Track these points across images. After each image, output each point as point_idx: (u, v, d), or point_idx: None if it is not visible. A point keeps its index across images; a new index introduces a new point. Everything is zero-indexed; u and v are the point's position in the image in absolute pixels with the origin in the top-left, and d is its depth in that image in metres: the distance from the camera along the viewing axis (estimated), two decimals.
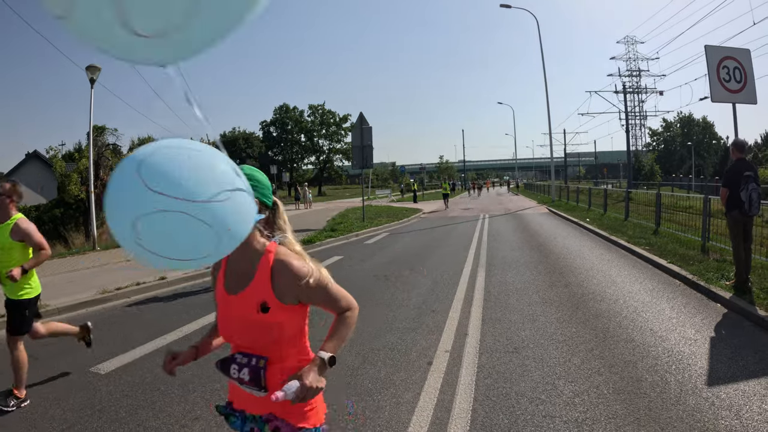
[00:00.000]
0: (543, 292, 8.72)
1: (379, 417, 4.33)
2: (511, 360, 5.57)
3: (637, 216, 19.02)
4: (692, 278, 8.86)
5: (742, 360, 5.34)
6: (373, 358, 5.77)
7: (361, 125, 22.72)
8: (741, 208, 7.85)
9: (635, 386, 4.74)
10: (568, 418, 4.17)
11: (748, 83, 11.42)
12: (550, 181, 42.77)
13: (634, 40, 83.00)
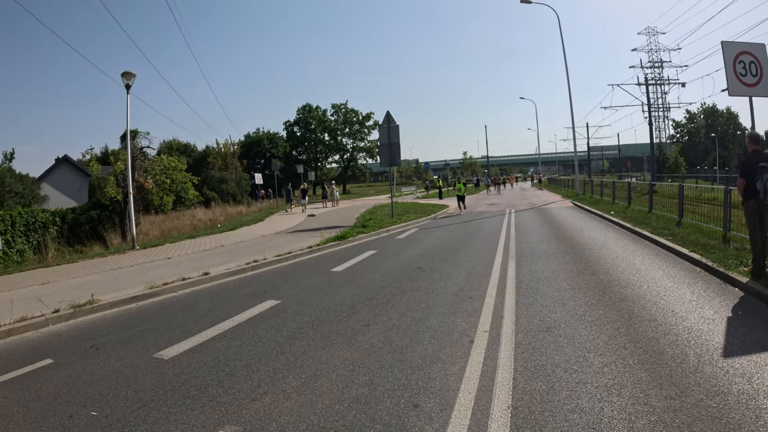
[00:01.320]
0: (571, 280, 9.26)
1: (431, 386, 4.89)
2: (545, 338, 6.13)
3: (660, 208, 19.30)
4: (712, 265, 9.29)
5: (755, 336, 5.83)
6: (419, 339, 6.36)
7: (389, 124, 23.26)
8: (757, 197, 8.26)
9: (658, 358, 5.28)
10: (599, 384, 4.72)
11: (764, 77, 11.70)
12: (574, 176, 42.99)
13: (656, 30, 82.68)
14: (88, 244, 21.51)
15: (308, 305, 8.41)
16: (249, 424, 4.28)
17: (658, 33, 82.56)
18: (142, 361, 6.14)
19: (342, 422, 4.25)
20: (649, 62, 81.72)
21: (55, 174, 44.94)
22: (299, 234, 19.82)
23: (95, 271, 13.09)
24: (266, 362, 5.81)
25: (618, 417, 4.08)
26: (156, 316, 8.44)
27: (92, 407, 4.85)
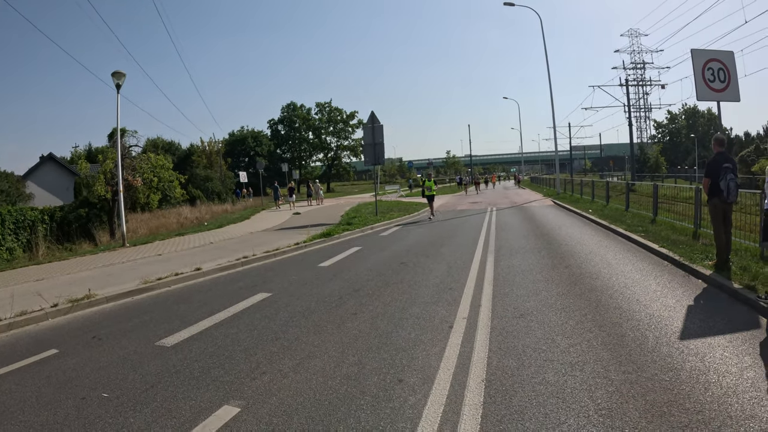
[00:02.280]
0: (546, 273, 9.83)
1: (414, 364, 5.42)
2: (518, 323, 6.68)
3: (637, 207, 19.94)
4: (679, 259, 9.91)
5: (712, 321, 6.41)
6: (403, 325, 6.89)
7: (373, 123, 23.72)
8: (720, 196, 8.89)
9: (619, 340, 5.85)
10: (564, 361, 5.28)
11: (731, 83, 12.38)
12: (555, 175, 43.75)
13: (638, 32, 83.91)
14: (77, 242, 21.70)
15: (298, 297, 8.88)
16: (251, 399, 4.73)
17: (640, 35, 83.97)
18: (145, 349, 6.51)
19: (335, 395, 4.74)
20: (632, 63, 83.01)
21: (40, 172, 44.77)
22: (286, 231, 20.25)
23: (88, 267, 13.40)
24: (263, 347, 6.28)
25: (580, 388, 4.62)
26: (153, 308, 8.84)
27: (103, 390, 5.21)
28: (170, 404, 4.74)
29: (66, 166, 45.72)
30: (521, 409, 4.29)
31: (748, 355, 5.26)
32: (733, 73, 12.39)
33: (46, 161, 46.16)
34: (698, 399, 4.32)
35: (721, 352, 5.36)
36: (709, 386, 4.56)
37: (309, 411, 4.43)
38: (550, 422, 4.03)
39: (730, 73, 12.36)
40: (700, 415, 4.04)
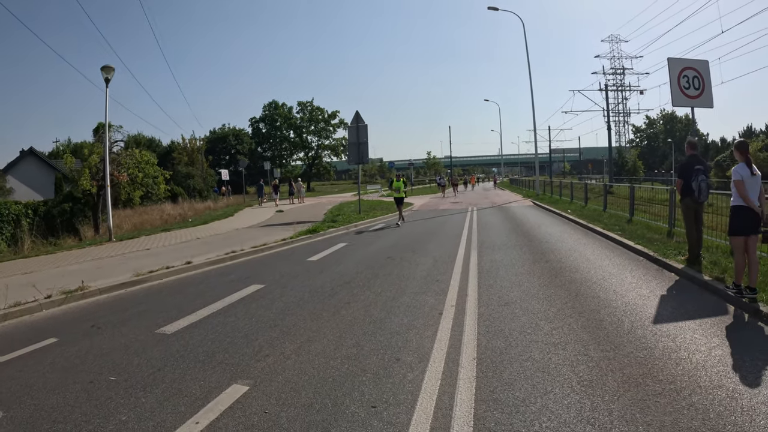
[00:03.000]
0: (527, 266, 10.31)
1: (409, 346, 5.82)
2: (504, 310, 7.12)
3: (615, 208, 20.56)
4: (653, 255, 10.45)
5: (683, 308, 6.93)
6: (395, 312, 7.28)
7: (357, 123, 24.06)
8: (692, 196, 9.42)
9: (598, 324, 6.32)
10: (548, 342, 5.73)
11: (705, 90, 12.94)
12: (535, 177, 44.47)
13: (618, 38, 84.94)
14: (62, 237, 21.69)
15: (291, 288, 9.20)
16: (258, 378, 5.05)
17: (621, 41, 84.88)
18: (146, 336, 6.70)
19: (338, 373, 5.10)
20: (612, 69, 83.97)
21: (20, 167, 44.24)
22: (271, 228, 20.49)
23: (77, 261, 13.51)
24: (263, 333, 6.59)
25: (563, 364, 5.07)
26: (148, 299, 9.06)
27: (109, 374, 5.36)
28: (179, 385, 4.99)
29: (47, 161, 45.27)
30: (511, 381, 4.71)
31: (716, 337, 5.77)
32: (707, 80, 12.95)
33: (27, 156, 45.66)
34: (670, 372, 4.78)
35: (691, 334, 5.85)
36: (680, 362, 5.03)
37: (315, 387, 4.78)
38: (537, 392, 4.45)
39: (705, 80, 12.91)
40: (672, 385, 4.49)
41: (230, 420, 4.17)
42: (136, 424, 4.15)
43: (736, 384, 4.50)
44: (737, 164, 7.25)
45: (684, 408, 4.07)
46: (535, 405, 4.22)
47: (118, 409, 4.49)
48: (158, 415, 4.30)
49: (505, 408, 4.20)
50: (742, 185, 7.07)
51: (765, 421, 3.80)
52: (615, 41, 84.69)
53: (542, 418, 3.98)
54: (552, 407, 4.16)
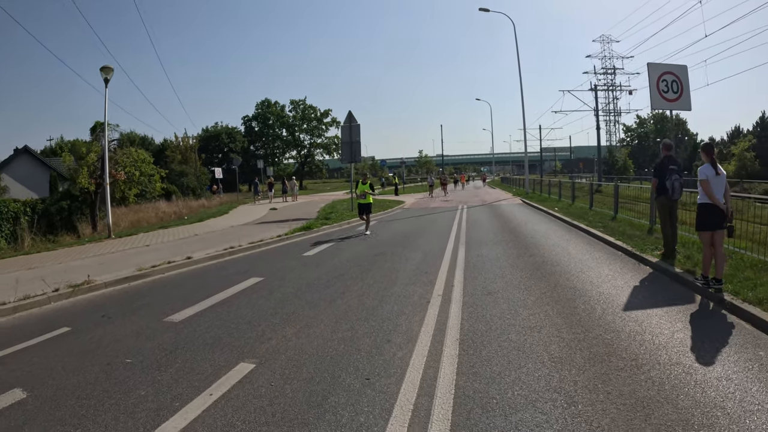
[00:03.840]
0: (512, 261, 10.90)
1: (399, 329, 6.40)
2: (486, 299, 7.72)
3: (601, 206, 21.11)
4: (631, 249, 11.06)
5: (653, 298, 7.53)
6: (386, 301, 7.88)
7: (350, 123, 24.56)
8: (666, 194, 10.05)
9: (572, 311, 6.93)
10: (525, 326, 6.33)
11: (683, 93, 13.59)
12: (525, 175, 45.11)
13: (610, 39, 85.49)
14: (60, 234, 21.99)
15: (288, 281, 9.73)
16: (263, 358, 5.59)
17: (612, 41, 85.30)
18: (156, 324, 7.15)
19: (335, 352, 5.66)
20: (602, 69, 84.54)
21: (14, 165, 44.16)
22: (266, 225, 20.97)
23: (79, 257, 13.90)
24: (264, 319, 7.13)
25: (537, 344, 5.66)
26: (152, 292, 9.51)
27: (125, 357, 5.80)
28: (191, 364, 5.49)
29: (41, 159, 45.26)
30: (489, 357, 5.30)
31: (680, 323, 6.35)
32: (686, 85, 13.60)
33: (21, 154, 45.55)
34: (634, 351, 5.36)
35: (657, 320, 6.44)
36: (644, 343, 5.62)
37: (315, 364, 5.33)
38: (512, 366, 5.04)
39: (683, 85, 13.56)
40: (634, 362, 5.08)
41: (240, 391, 4.71)
42: (155, 397, 4.64)
43: (692, 362, 5.07)
44: (703, 165, 7.84)
45: (642, 381, 4.64)
46: (509, 377, 4.80)
47: (136, 385, 4.96)
48: (175, 390, 4.80)
49: (482, 380, 4.78)
50: (707, 184, 7.66)
51: (715, 393, 4.36)
52: (606, 41, 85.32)
53: (515, 388, 4.56)
54: (524, 379, 4.74)
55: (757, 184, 44.04)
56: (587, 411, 4.10)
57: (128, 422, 4.17)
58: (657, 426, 3.84)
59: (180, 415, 4.25)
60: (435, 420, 4.04)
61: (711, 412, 4.03)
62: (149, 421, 4.17)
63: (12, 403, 4.67)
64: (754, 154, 60.35)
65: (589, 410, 4.12)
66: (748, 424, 3.81)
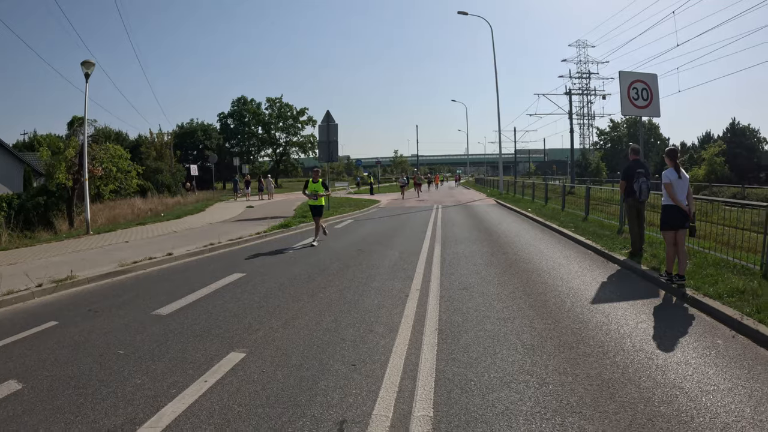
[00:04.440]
0: (486, 258, 11.35)
1: (380, 320, 6.78)
2: (462, 293, 8.15)
3: (573, 207, 21.76)
4: (601, 248, 11.59)
5: (620, 293, 8.06)
6: (367, 294, 8.26)
7: (328, 122, 24.89)
8: (634, 196, 10.57)
9: (543, 304, 7.39)
10: (499, 317, 6.76)
11: (653, 101, 14.19)
12: (499, 176, 45.78)
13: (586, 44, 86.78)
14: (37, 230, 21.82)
15: (271, 276, 10.02)
16: (253, 347, 5.88)
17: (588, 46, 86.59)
18: (144, 317, 7.30)
19: (320, 342, 5.99)
20: (578, 73, 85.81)
21: None
22: (244, 222, 21.18)
23: (58, 253, 13.86)
24: (250, 312, 7.42)
25: (510, 333, 6.09)
26: (137, 287, 9.63)
27: (117, 348, 5.94)
28: (184, 354, 5.73)
29: (15, 154, 44.31)
30: (466, 345, 5.70)
31: (644, 314, 6.86)
32: (656, 92, 14.19)
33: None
34: (600, 339, 5.81)
35: (623, 312, 6.93)
36: (610, 332, 6.08)
37: (302, 352, 5.66)
38: (487, 353, 5.45)
39: (653, 92, 14.16)
40: (600, 348, 5.52)
41: (234, 378, 5.00)
42: (152, 385, 4.88)
43: (654, 348, 5.53)
44: (667, 169, 8.33)
45: (608, 365, 5.08)
46: (485, 362, 5.20)
47: (132, 375, 5.17)
48: (170, 378, 5.05)
49: (461, 364, 5.16)
50: (670, 187, 8.15)
51: (675, 375, 4.80)
52: (582, 46, 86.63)
53: (490, 371, 4.95)
54: (499, 364, 5.14)
55: (726, 188, 45.18)
56: (557, 390, 4.52)
57: (127, 408, 4.39)
58: (621, 403, 4.26)
59: (178, 401, 4.50)
60: (419, 399, 4.40)
61: (670, 391, 4.46)
62: (148, 407, 4.40)
63: (8, 394, 4.78)
64: (723, 159, 61.77)
65: (559, 390, 4.53)
66: (704, 402, 4.24)
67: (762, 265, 8.37)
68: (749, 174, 61.89)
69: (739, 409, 4.12)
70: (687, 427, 3.85)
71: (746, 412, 4.08)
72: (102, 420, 4.20)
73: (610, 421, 3.98)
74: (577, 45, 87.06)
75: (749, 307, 6.48)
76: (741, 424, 3.87)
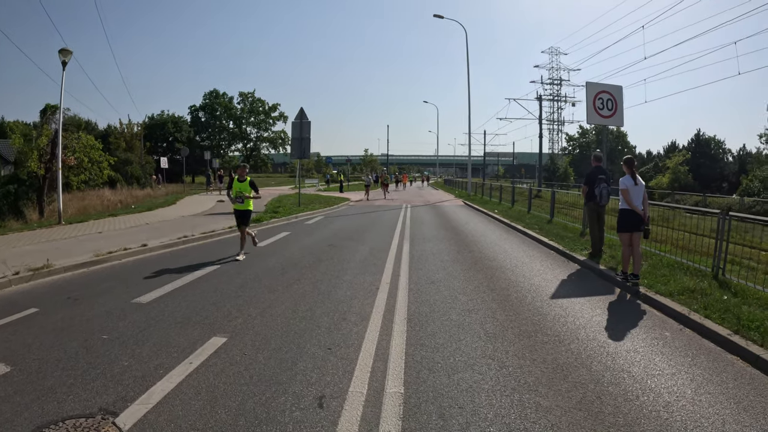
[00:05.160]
0: (453, 255, 11.88)
1: (352, 310, 7.24)
2: (430, 287, 8.65)
3: (539, 210, 22.44)
4: (563, 249, 12.21)
5: (578, 290, 8.65)
6: (339, 286, 8.70)
7: (301, 120, 25.15)
8: (594, 200, 11.18)
9: (505, 298, 7.92)
10: (464, 309, 7.29)
11: (617, 111, 14.99)
12: (467, 178, 46.51)
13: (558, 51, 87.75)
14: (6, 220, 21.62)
15: (246, 268, 10.36)
16: (233, 333, 6.24)
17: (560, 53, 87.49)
18: (124, 305, 7.52)
19: (297, 328, 6.40)
20: (549, 79, 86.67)
21: None
22: (216, 216, 21.27)
23: (31, 242, 13.78)
24: (228, 301, 7.77)
25: (474, 323, 6.61)
26: (113, 277, 9.80)
27: (101, 333, 6.17)
28: (167, 339, 6.04)
29: None
30: (433, 332, 6.20)
31: (599, 309, 7.46)
32: (620, 103, 14.97)
33: None
34: (557, 330, 6.37)
35: (580, 306, 7.51)
36: (566, 323, 6.65)
37: (281, 337, 6.06)
38: (452, 339, 5.94)
39: (617, 103, 14.93)
40: (557, 337, 6.08)
41: (218, 360, 5.37)
42: (139, 366, 5.19)
43: (606, 338, 6.11)
44: (624, 176, 8.95)
45: (563, 351, 5.62)
46: (450, 347, 5.69)
47: (118, 357, 5.45)
48: (155, 360, 5.37)
49: (428, 349, 5.65)
50: (627, 193, 8.78)
51: (623, 361, 5.37)
52: (555, 53, 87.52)
53: (456, 355, 5.45)
54: (463, 349, 5.65)
55: (689, 196, 46.57)
56: (516, 372, 5.04)
57: (117, 387, 4.70)
58: (573, 383, 4.80)
59: (165, 380, 4.84)
60: (390, 378, 4.87)
61: (619, 374, 5.02)
62: (137, 386, 4.72)
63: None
64: (687, 168, 63.53)
65: (518, 371, 5.05)
66: (649, 384, 4.80)
67: (713, 268, 9.01)
68: (712, 183, 63.77)
69: (681, 391, 4.68)
70: (633, 404, 4.38)
71: (687, 393, 4.64)
72: (94, 398, 4.49)
73: (563, 398, 4.49)
74: (550, 52, 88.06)
75: (697, 304, 7.13)
76: (682, 403, 4.42)
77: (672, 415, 4.21)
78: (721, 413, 4.27)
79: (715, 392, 4.68)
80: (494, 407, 4.33)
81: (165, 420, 4.11)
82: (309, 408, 4.30)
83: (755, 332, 5.93)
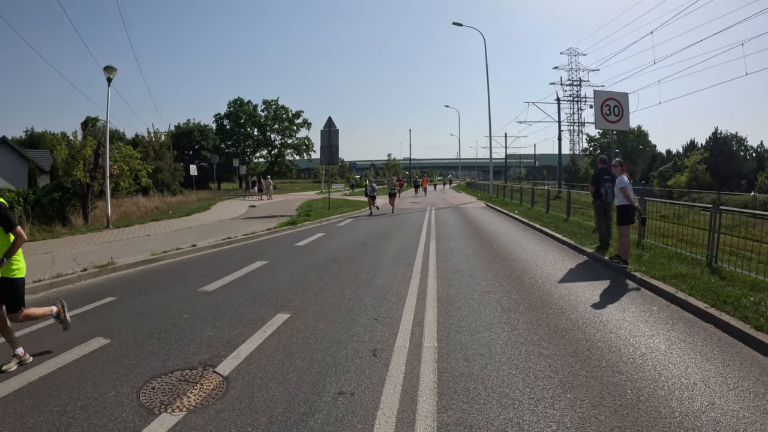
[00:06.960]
0: (475, 251, 13.17)
1: (391, 292, 8.62)
2: (455, 275, 9.99)
3: (557, 210, 23.45)
4: (574, 244, 13.43)
5: (584, 276, 9.92)
6: (377, 275, 10.08)
7: (330, 128, 26.58)
8: (600, 199, 12.39)
9: (519, 282, 9.24)
10: (484, 290, 8.64)
11: (624, 116, 16.29)
12: (489, 181, 47.48)
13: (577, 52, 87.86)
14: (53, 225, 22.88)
15: (291, 263, 11.67)
16: (295, 310, 7.57)
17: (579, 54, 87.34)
18: (192, 293, 8.70)
19: (347, 306, 7.77)
20: (569, 80, 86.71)
21: None
22: (252, 220, 22.81)
23: (86, 244, 14.91)
24: (283, 288, 9.12)
25: (492, 300, 7.95)
26: (174, 272, 10.99)
27: (181, 314, 7.35)
28: (240, 316, 7.30)
29: (19, 151, 44.28)
30: (459, 307, 7.57)
31: (599, 290, 8.72)
32: (626, 109, 16.24)
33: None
34: (561, 305, 7.68)
35: (582, 288, 8.79)
36: (569, 300, 7.97)
37: (335, 312, 7.42)
38: (474, 312, 7.32)
39: (623, 109, 16.21)
40: (560, 310, 7.40)
41: (286, 329, 6.70)
42: (222, 335, 6.45)
43: (600, 311, 7.41)
44: (620, 176, 10.24)
45: (564, 319, 6.94)
46: (473, 317, 7.06)
47: (203, 329, 6.67)
48: (234, 330, 6.65)
49: (455, 318, 7.02)
50: (627, 190, 10.03)
51: (612, 326, 6.66)
52: (574, 54, 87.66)
53: (477, 322, 6.81)
54: (483, 318, 7.01)
55: (706, 194, 46.91)
56: (524, 333, 6.38)
57: (210, 349, 5.93)
58: (569, 340, 6.11)
59: (248, 343, 6.12)
60: (426, 337, 6.24)
61: (607, 335, 6.31)
62: (225, 348, 5.96)
63: (100, 347, 6.00)
64: (705, 167, 63.57)
65: (526, 333, 6.39)
66: (630, 341, 6.06)
67: (707, 257, 10.13)
68: (731, 181, 63.64)
69: (656, 346, 5.92)
70: (615, 354, 5.65)
71: (661, 347, 5.89)
72: (192, 356, 5.71)
73: (560, 349, 5.80)
74: (569, 53, 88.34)
75: (685, 285, 8.28)
76: (655, 354, 5.65)
77: (645, 361, 5.44)
78: (686, 362, 5.46)
79: (685, 348, 5.89)
80: (506, 354, 5.64)
81: (256, 367, 5.38)
82: (366, 357, 5.62)
83: (730, 306, 7.03)
